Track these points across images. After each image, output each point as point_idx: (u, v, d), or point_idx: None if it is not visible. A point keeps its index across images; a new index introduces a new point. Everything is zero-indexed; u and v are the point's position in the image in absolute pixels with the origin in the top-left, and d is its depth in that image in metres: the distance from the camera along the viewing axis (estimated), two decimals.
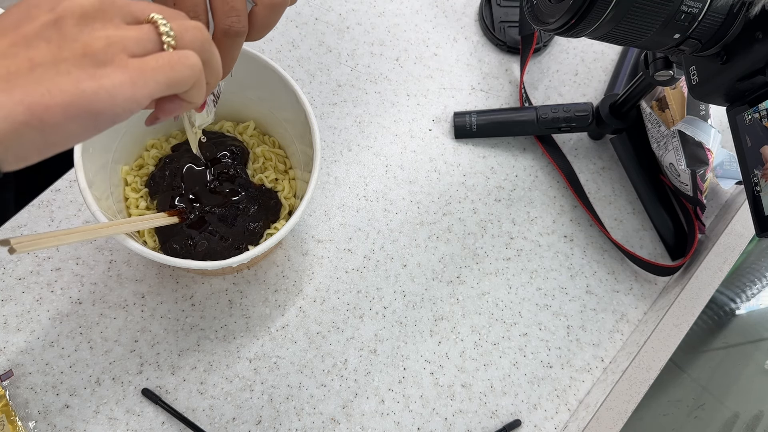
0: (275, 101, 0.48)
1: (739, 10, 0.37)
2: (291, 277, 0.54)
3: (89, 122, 0.24)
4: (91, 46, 0.24)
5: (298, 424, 0.50)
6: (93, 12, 0.25)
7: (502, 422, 0.53)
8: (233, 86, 0.49)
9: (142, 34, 0.26)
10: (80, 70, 0.24)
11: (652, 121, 0.58)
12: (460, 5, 0.68)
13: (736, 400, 0.56)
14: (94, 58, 0.24)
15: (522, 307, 0.57)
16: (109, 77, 0.24)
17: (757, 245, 0.60)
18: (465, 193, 0.60)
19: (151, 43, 0.26)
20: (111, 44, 0.25)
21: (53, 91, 0.23)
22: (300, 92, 0.44)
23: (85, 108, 0.24)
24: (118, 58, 0.25)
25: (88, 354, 0.50)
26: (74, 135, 0.24)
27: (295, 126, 0.48)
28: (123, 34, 0.25)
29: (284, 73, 0.44)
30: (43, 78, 0.23)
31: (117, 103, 0.24)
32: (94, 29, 0.25)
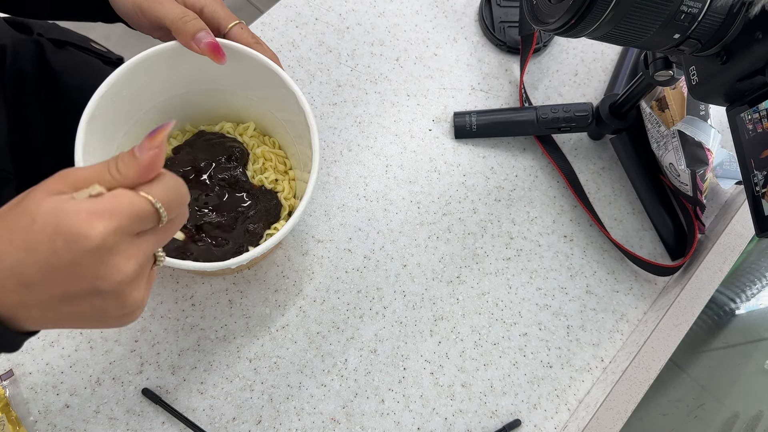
0: (275, 102, 0.48)
1: (738, 10, 0.38)
2: (291, 277, 0.54)
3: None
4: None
5: (298, 424, 0.50)
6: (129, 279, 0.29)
7: (502, 422, 0.53)
8: (233, 87, 0.49)
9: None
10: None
11: (652, 121, 0.58)
12: (460, 5, 0.68)
13: (736, 400, 0.56)
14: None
15: (522, 307, 0.57)
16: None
17: (757, 245, 0.60)
18: (465, 193, 0.60)
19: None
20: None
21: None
22: (299, 93, 0.44)
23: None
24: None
25: (88, 354, 0.50)
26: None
27: (294, 126, 0.48)
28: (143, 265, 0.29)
29: (284, 73, 0.44)
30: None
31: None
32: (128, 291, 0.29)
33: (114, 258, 0.27)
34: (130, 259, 0.28)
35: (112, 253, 0.27)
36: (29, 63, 0.61)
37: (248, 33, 0.44)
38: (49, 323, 0.29)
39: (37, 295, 0.27)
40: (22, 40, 0.61)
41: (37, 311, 0.28)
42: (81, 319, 0.29)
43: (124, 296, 0.28)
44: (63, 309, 0.28)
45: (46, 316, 0.28)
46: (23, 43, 0.61)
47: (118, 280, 0.27)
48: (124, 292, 0.28)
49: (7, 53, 0.58)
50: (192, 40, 0.41)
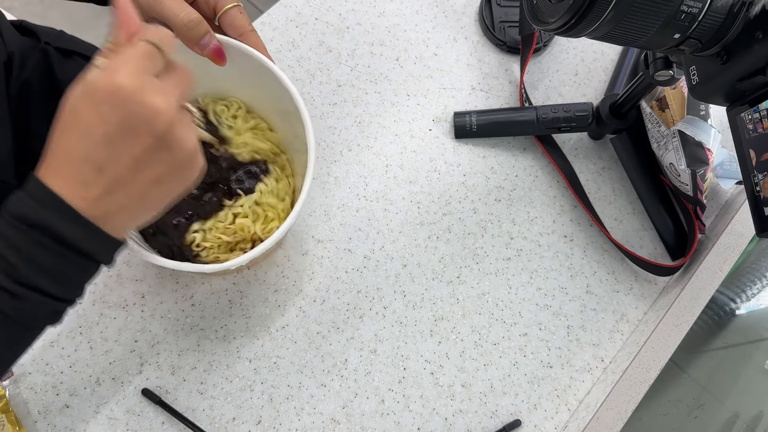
0: (270, 100, 0.48)
1: (739, 10, 0.37)
2: (291, 277, 0.54)
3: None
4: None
5: (298, 424, 0.50)
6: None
7: (502, 422, 0.53)
8: (230, 84, 0.49)
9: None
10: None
11: (652, 121, 0.58)
12: (460, 5, 0.68)
13: (736, 400, 0.56)
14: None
15: (522, 307, 0.56)
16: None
17: (757, 245, 0.60)
18: (465, 193, 0.60)
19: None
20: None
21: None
22: (293, 88, 0.44)
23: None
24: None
25: (88, 354, 0.50)
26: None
27: (290, 123, 0.48)
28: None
29: (278, 70, 0.44)
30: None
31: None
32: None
33: (150, 96, 0.29)
34: (163, 94, 0.30)
35: (146, 93, 0.29)
36: (35, 73, 0.60)
37: (245, 18, 0.44)
38: (136, 204, 0.31)
39: (113, 173, 0.30)
40: (30, 48, 0.61)
41: (122, 194, 0.30)
42: (161, 184, 0.31)
43: (179, 134, 0.30)
44: (140, 178, 0.30)
45: (131, 196, 0.31)
46: (30, 51, 0.61)
47: (168, 117, 0.29)
48: (176, 130, 0.30)
49: (15, 62, 0.58)
50: (197, 45, 0.41)
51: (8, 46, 0.58)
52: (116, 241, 0.32)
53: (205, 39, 0.41)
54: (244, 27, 0.43)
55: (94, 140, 0.29)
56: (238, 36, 0.43)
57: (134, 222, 0.33)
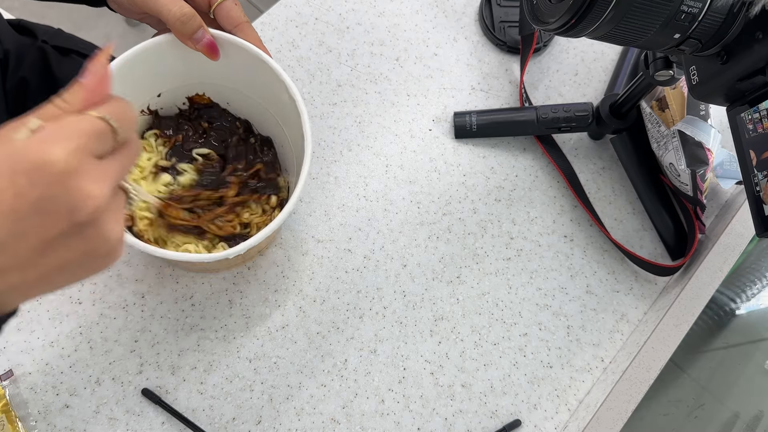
0: (267, 94, 0.48)
1: (739, 10, 0.37)
2: (291, 277, 0.54)
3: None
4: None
5: (298, 424, 0.50)
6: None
7: (502, 422, 0.53)
8: (225, 78, 0.48)
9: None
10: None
11: (652, 121, 0.58)
12: (460, 5, 0.68)
13: (736, 400, 0.56)
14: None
15: (522, 307, 0.56)
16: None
17: (757, 245, 0.60)
18: (465, 193, 0.60)
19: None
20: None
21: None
22: (289, 80, 0.44)
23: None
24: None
25: (88, 354, 0.50)
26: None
27: (286, 117, 0.48)
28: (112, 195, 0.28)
29: (273, 62, 0.43)
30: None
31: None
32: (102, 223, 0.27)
33: (83, 182, 0.25)
34: (99, 181, 0.26)
35: (79, 177, 0.25)
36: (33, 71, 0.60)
37: (239, 10, 0.44)
38: (32, 288, 0.27)
39: (13, 254, 0.25)
40: (27, 46, 0.61)
41: (17, 275, 0.25)
42: (65, 271, 0.27)
43: (104, 226, 0.26)
44: (44, 263, 0.26)
45: (27, 279, 0.26)
46: (27, 49, 0.61)
47: (94, 206, 0.25)
48: (101, 221, 0.26)
49: (11, 59, 0.58)
50: (190, 39, 0.41)
51: (4, 44, 0.58)
52: (3, 317, 0.29)
53: (198, 33, 0.41)
54: (239, 19, 0.43)
55: (0, 212, 0.24)
56: (233, 28, 0.43)
57: (23, 300, 0.28)
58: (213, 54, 0.42)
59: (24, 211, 0.24)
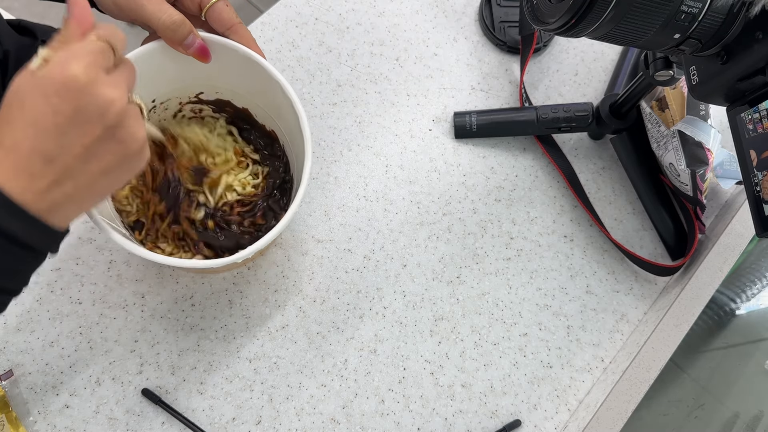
0: (262, 95, 0.48)
1: (739, 10, 0.37)
2: (291, 277, 0.54)
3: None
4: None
5: (298, 424, 0.50)
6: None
7: (502, 422, 0.53)
8: (220, 81, 0.48)
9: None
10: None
11: (652, 121, 0.58)
12: (460, 5, 0.68)
13: (736, 400, 0.56)
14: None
15: (522, 307, 0.56)
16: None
17: (757, 245, 0.60)
18: (465, 193, 0.60)
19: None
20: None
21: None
22: (284, 81, 0.43)
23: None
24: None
25: (88, 354, 0.50)
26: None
27: (284, 119, 0.48)
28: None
29: (267, 63, 0.43)
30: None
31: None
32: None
33: (104, 89, 0.29)
34: (115, 87, 0.30)
35: (99, 85, 0.29)
36: None
37: (231, 11, 0.44)
38: (83, 196, 0.31)
39: (63, 164, 0.29)
40: (27, 46, 0.61)
41: (70, 184, 0.30)
42: (109, 174, 0.31)
43: (130, 126, 0.31)
44: (89, 169, 0.30)
45: (79, 187, 0.30)
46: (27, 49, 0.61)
47: (119, 107, 0.30)
48: (127, 121, 0.31)
49: (10, 59, 0.58)
50: (180, 45, 0.41)
51: (4, 45, 0.58)
52: (61, 232, 0.32)
53: (189, 39, 0.41)
54: (231, 20, 0.43)
55: (44, 131, 0.28)
56: (225, 30, 0.43)
57: (79, 211, 0.33)
58: (204, 58, 0.42)
59: (64, 125, 0.29)
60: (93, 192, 0.32)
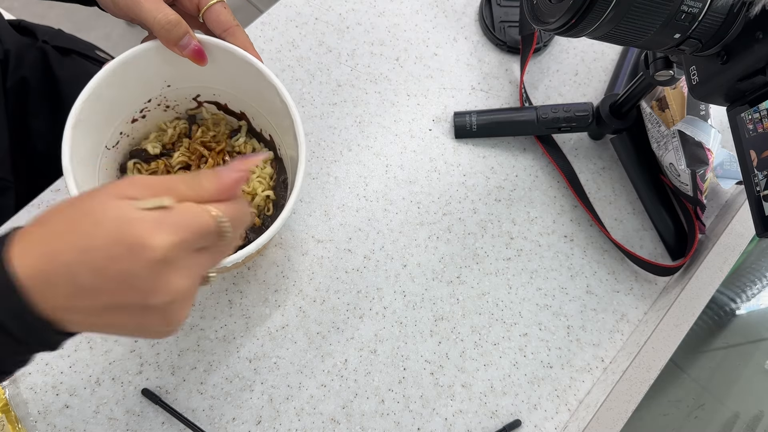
0: (258, 97, 0.47)
1: (739, 10, 0.37)
2: (291, 277, 0.54)
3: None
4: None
5: (298, 424, 0.50)
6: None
7: (502, 422, 0.53)
8: (218, 83, 0.48)
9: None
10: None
11: (652, 121, 0.58)
12: (460, 5, 0.67)
13: (736, 400, 0.56)
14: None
15: (522, 307, 0.56)
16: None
17: (757, 245, 0.60)
18: (465, 193, 0.60)
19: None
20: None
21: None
22: (280, 84, 0.43)
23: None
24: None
25: (88, 354, 0.50)
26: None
27: (280, 121, 0.48)
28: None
29: (263, 66, 0.43)
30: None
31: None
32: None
33: (171, 273, 0.26)
34: (186, 276, 0.27)
35: (170, 268, 0.26)
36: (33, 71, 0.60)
37: (229, 13, 0.43)
38: (86, 328, 0.28)
39: (86, 301, 0.26)
40: (27, 46, 0.61)
41: (81, 316, 0.27)
42: (121, 329, 0.29)
43: (171, 314, 0.28)
44: (106, 318, 0.27)
45: (86, 321, 0.28)
46: (27, 49, 0.61)
47: (171, 299, 0.27)
48: (170, 309, 0.27)
49: (11, 59, 0.58)
50: (176, 45, 0.41)
51: (4, 44, 0.58)
52: (65, 334, 0.29)
53: (184, 40, 0.40)
54: (229, 22, 0.43)
55: (91, 263, 0.25)
56: (222, 31, 0.43)
57: (82, 331, 0.29)
58: (200, 60, 0.42)
59: (110, 275, 0.25)
60: (96, 330, 0.29)
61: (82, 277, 0.26)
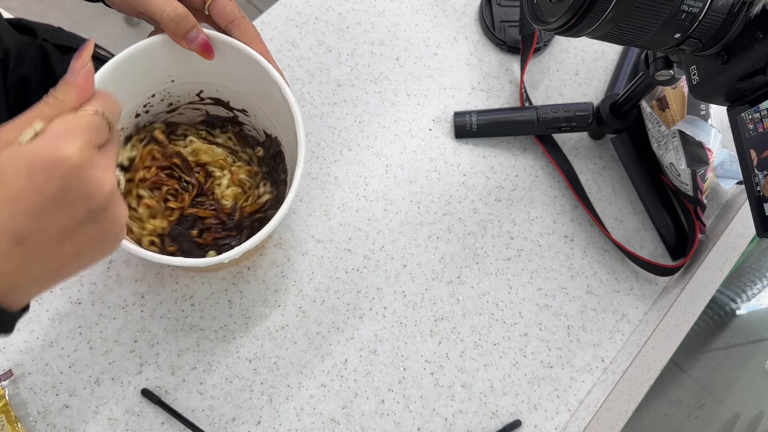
0: (260, 93, 0.48)
1: (739, 10, 0.37)
2: (291, 277, 0.54)
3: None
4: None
5: (298, 424, 0.50)
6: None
7: (502, 422, 0.53)
8: (220, 78, 0.48)
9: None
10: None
11: (652, 121, 0.58)
12: (460, 5, 0.67)
13: (736, 401, 0.56)
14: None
15: (522, 307, 0.56)
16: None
17: (757, 245, 0.60)
18: (465, 193, 0.60)
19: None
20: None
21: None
22: (282, 81, 0.43)
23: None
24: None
25: (87, 354, 0.49)
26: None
27: (280, 118, 0.48)
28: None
29: (265, 62, 0.43)
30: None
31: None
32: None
33: (95, 172, 0.27)
34: (106, 169, 0.28)
35: (91, 168, 0.27)
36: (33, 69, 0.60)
37: (234, 6, 0.43)
38: (48, 278, 0.29)
39: (34, 247, 0.27)
40: (27, 44, 0.61)
41: (37, 266, 0.27)
42: (81, 257, 0.29)
43: (114, 209, 0.29)
44: (62, 251, 0.28)
45: (46, 270, 0.28)
46: (27, 47, 0.61)
47: (107, 192, 0.28)
48: (112, 205, 0.29)
49: (11, 57, 0.58)
50: (184, 39, 0.41)
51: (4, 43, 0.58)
52: (16, 314, 0.29)
53: (192, 33, 0.40)
54: (234, 14, 0.43)
55: (21, 210, 0.26)
56: (228, 24, 0.43)
57: (40, 291, 0.30)
58: (207, 54, 0.42)
59: (45, 205, 0.26)
60: (59, 274, 0.29)
61: (20, 227, 0.26)
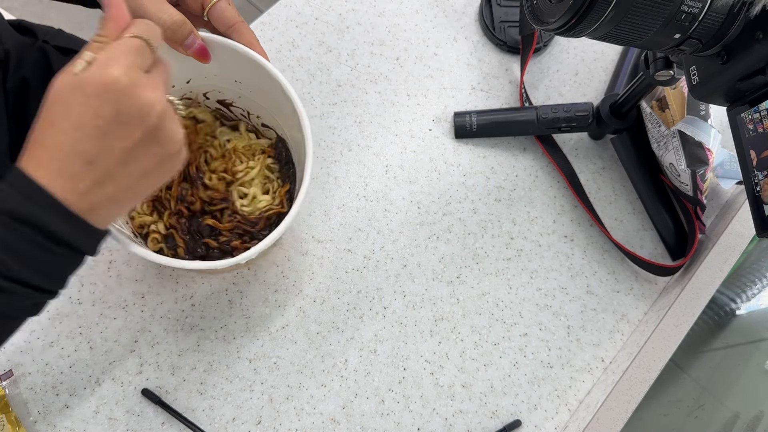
0: (263, 94, 0.47)
1: (739, 10, 0.37)
2: (291, 277, 0.54)
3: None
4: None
5: (298, 424, 0.50)
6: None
7: (502, 422, 0.53)
8: (222, 81, 0.48)
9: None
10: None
11: (652, 121, 0.58)
12: (460, 5, 0.67)
13: (736, 400, 0.56)
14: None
15: (522, 307, 0.56)
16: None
17: (757, 245, 0.60)
18: (465, 193, 0.60)
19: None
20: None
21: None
22: (284, 80, 0.43)
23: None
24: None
25: (87, 354, 0.50)
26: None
27: (285, 118, 0.48)
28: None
29: (267, 63, 0.43)
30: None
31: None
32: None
33: (144, 91, 0.30)
34: (155, 89, 0.31)
35: (140, 88, 0.30)
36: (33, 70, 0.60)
37: (233, 10, 0.44)
38: (123, 198, 0.32)
39: (103, 166, 0.30)
40: (27, 46, 0.61)
41: (111, 186, 0.31)
42: (148, 176, 0.32)
43: (170, 127, 0.31)
44: (129, 171, 0.31)
45: (119, 189, 0.31)
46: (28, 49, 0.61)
47: (160, 110, 0.30)
48: (166, 123, 0.31)
49: (11, 59, 0.58)
50: (181, 45, 0.41)
51: (5, 44, 0.58)
52: (102, 232, 0.33)
53: (189, 39, 0.41)
54: (234, 18, 0.43)
55: (86, 133, 0.29)
56: (227, 28, 0.43)
57: (119, 213, 0.34)
58: (204, 58, 0.42)
59: (105, 128, 0.29)
60: (132, 193, 0.32)
61: (87, 148, 0.29)
